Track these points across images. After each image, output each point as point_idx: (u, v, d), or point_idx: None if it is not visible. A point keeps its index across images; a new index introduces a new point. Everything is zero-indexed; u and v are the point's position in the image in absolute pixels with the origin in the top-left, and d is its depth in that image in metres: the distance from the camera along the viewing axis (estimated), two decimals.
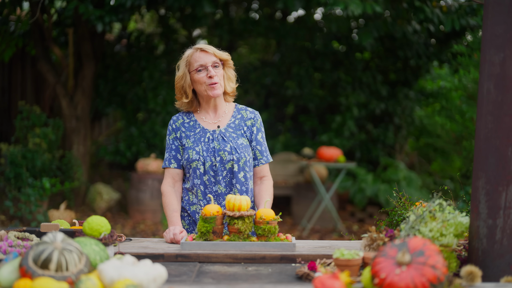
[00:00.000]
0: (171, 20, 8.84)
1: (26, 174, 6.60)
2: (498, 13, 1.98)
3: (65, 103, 7.64)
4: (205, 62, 2.69)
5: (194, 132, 2.76)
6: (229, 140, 2.72)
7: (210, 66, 2.69)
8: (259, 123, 2.82)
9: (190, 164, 2.71)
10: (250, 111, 2.83)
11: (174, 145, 2.78)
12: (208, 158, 2.69)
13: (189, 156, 2.71)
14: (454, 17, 6.80)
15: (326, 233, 7.25)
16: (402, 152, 9.12)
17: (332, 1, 5.99)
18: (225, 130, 2.75)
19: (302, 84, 8.68)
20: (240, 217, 2.41)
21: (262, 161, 2.81)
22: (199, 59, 2.69)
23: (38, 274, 1.74)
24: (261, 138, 2.82)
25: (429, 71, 8.63)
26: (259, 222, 2.43)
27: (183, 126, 2.78)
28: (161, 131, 8.06)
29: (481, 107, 2.02)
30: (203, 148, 2.70)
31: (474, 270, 1.88)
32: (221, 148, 2.70)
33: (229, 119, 2.79)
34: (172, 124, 2.80)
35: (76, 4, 6.17)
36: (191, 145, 2.72)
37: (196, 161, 2.69)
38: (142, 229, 7.03)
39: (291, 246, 2.37)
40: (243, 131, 2.77)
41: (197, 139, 2.73)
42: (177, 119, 2.81)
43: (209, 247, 2.37)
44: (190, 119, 2.80)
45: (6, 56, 6.81)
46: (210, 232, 2.42)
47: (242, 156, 2.71)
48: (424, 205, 2.28)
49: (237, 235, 2.42)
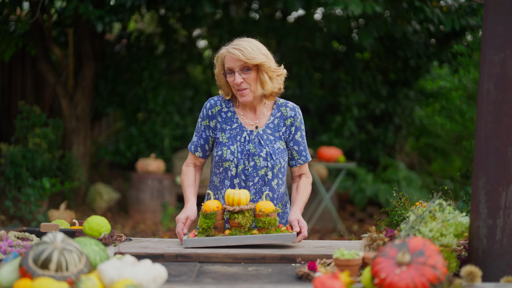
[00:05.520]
0: (171, 20, 8.84)
1: (26, 174, 6.60)
2: (498, 13, 1.98)
3: (65, 103, 7.64)
4: (232, 66, 2.53)
5: (230, 127, 2.60)
6: (265, 144, 2.58)
7: (239, 70, 2.52)
8: (299, 121, 2.65)
9: (222, 163, 2.59)
10: (290, 108, 2.65)
11: (205, 133, 2.64)
12: (242, 161, 2.57)
13: (223, 154, 2.57)
14: (454, 17, 6.80)
15: (326, 233, 7.25)
16: (402, 152, 9.12)
17: (332, 1, 5.99)
18: (263, 132, 2.60)
19: (302, 84, 8.68)
20: (240, 211, 2.40)
21: (300, 161, 2.69)
22: (228, 61, 2.53)
23: (38, 274, 1.74)
24: (300, 137, 2.66)
25: (429, 71, 8.63)
26: (259, 215, 2.43)
27: (220, 115, 2.62)
28: (161, 131, 8.06)
29: (481, 107, 2.02)
30: (238, 148, 2.57)
31: (474, 270, 1.88)
32: (256, 153, 2.57)
33: (267, 119, 2.63)
34: (209, 110, 2.62)
35: (76, 4, 6.17)
36: (226, 141, 2.58)
37: (229, 161, 2.57)
38: (142, 229, 7.03)
39: (291, 236, 2.38)
40: (281, 133, 2.62)
41: (233, 137, 2.59)
42: (215, 104, 2.63)
43: (211, 242, 2.38)
44: (229, 109, 2.63)
45: (6, 56, 6.80)
46: (211, 228, 2.42)
47: (277, 163, 2.58)
48: (424, 205, 2.28)
49: (238, 229, 2.42)
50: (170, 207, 7.39)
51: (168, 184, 7.56)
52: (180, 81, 8.54)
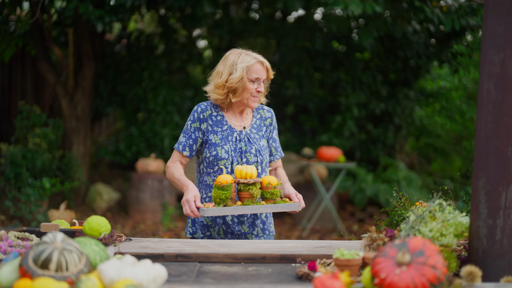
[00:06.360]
0: (171, 20, 8.84)
1: (26, 174, 6.60)
2: (498, 13, 1.98)
3: (65, 103, 7.64)
4: (261, 76, 2.81)
5: (221, 129, 2.84)
6: (254, 142, 2.85)
7: (262, 81, 2.82)
8: (275, 121, 3.00)
9: (217, 162, 2.79)
10: (267, 110, 2.98)
11: (194, 134, 2.83)
12: (235, 158, 2.81)
13: (218, 153, 2.79)
14: (454, 17, 6.80)
15: (326, 233, 7.25)
16: (402, 152, 9.12)
17: (332, 1, 5.99)
18: (250, 132, 2.88)
19: (302, 84, 8.68)
20: (253, 183, 2.65)
21: (277, 157, 3.00)
22: (258, 71, 2.80)
23: (38, 274, 1.74)
24: (276, 135, 3.00)
25: (429, 71, 8.63)
26: (266, 188, 2.68)
27: (211, 119, 2.84)
28: (161, 131, 8.06)
29: (481, 107, 2.02)
30: (231, 147, 2.81)
31: (474, 270, 1.88)
32: (247, 150, 2.83)
33: (251, 120, 2.92)
34: (200, 114, 2.84)
35: (76, 4, 6.17)
36: (219, 142, 2.81)
37: (225, 160, 2.79)
38: (142, 229, 7.03)
39: (297, 205, 2.69)
40: (263, 132, 2.93)
41: (225, 137, 2.82)
42: (205, 109, 2.85)
43: (230, 210, 2.58)
44: (218, 113, 2.87)
45: (6, 56, 6.80)
46: (228, 199, 2.60)
47: (264, 158, 2.87)
48: (424, 205, 2.28)
49: (250, 200, 2.65)
50: (170, 207, 7.39)
51: (168, 184, 7.56)
52: (180, 81, 8.54)
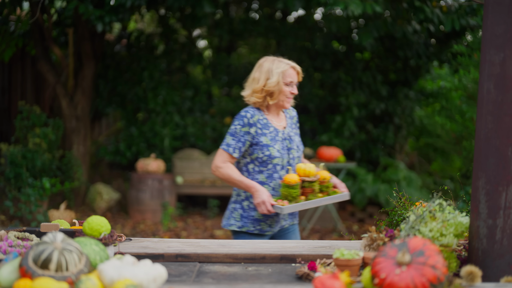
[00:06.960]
0: (171, 20, 8.84)
1: (26, 174, 6.60)
2: (498, 13, 1.98)
3: (65, 103, 7.64)
4: (294, 80, 3.15)
5: (269, 131, 3.11)
6: (293, 138, 3.20)
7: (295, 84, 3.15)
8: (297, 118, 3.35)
9: (271, 160, 3.07)
10: (292, 109, 3.32)
11: (244, 137, 3.07)
12: (286, 155, 3.13)
13: (271, 153, 3.07)
14: (454, 17, 6.79)
15: (326, 233, 7.25)
16: (402, 152, 9.12)
17: (332, 1, 5.99)
18: (288, 130, 3.21)
19: (302, 84, 8.67)
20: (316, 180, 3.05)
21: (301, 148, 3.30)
22: (292, 75, 3.13)
23: (38, 274, 1.74)
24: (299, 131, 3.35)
25: (429, 71, 8.63)
26: (323, 182, 3.10)
27: (259, 122, 3.11)
28: (161, 131, 8.06)
29: (481, 107, 2.02)
30: (280, 146, 3.12)
31: (474, 270, 1.88)
32: (291, 147, 3.17)
33: (285, 120, 3.25)
34: (250, 119, 3.09)
35: (76, 4, 6.16)
36: (270, 142, 3.09)
37: (278, 158, 3.08)
38: (142, 229, 7.03)
39: (347, 195, 3.14)
40: (295, 130, 3.28)
41: (273, 138, 3.11)
42: (254, 114, 3.11)
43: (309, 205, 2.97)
44: (263, 117, 3.14)
45: (6, 56, 6.80)
46: (298, 196, 2.97)
47: (302, 151, 3.25)
48: (424, 205, 2.28)
49: (312, 194, 3.04)
50: (170, 207, 7.39)
51: (168, 184, 7.56)
52: (180, 81, 8.54)
